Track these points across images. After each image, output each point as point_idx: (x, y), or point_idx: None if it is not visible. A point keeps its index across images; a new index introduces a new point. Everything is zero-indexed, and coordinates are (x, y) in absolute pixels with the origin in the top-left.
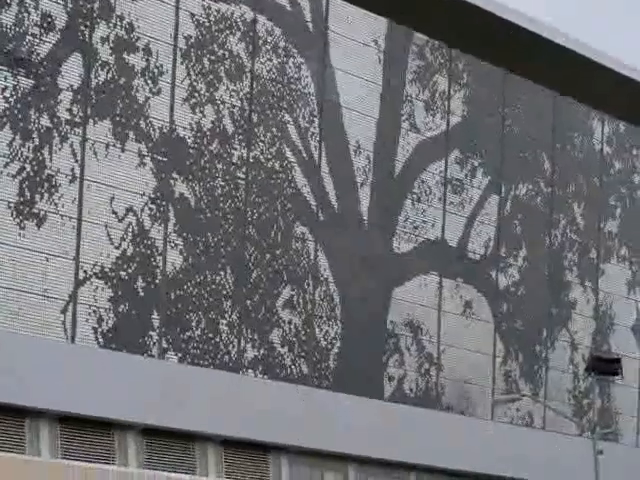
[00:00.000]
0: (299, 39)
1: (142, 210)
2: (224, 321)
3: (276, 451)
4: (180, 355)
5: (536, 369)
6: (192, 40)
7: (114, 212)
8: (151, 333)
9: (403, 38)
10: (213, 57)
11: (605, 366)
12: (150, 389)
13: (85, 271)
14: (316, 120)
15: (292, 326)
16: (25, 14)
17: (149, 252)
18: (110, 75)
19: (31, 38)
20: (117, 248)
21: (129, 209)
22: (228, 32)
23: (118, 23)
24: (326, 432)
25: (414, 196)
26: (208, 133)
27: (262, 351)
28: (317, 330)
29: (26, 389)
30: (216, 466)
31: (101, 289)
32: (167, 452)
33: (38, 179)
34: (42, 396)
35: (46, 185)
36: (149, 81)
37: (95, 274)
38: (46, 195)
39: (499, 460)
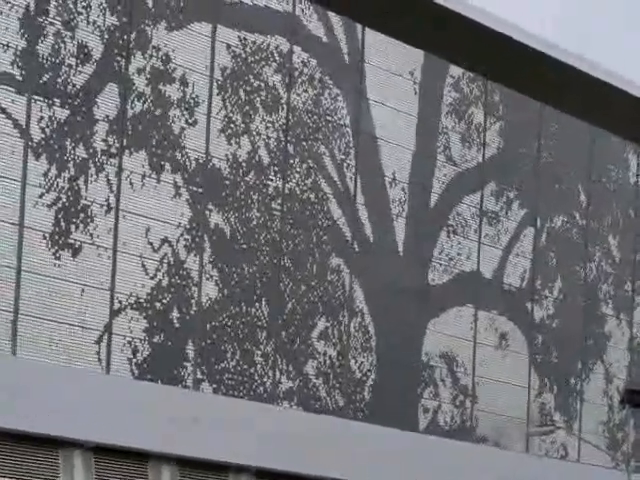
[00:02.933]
0: (335, 70)
1: (177, 241)
2: (259, 352)
3: None
4: (215, 386)
5: (571, 401)
6: (228, 71)
7: (149, 243)
8: (186, 364)
9: (439, 70)
10: (249, 88)
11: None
12: (185, 420)
13: (120, 302)
14: (352, 152)
15: (327, 357)
16: (61, 44)
17: (184, 283)
18: (146, 106)
19: (67, 69)
20: (152, 279)
21: (164, 240)
22: (264, 63)
23: (154, 54)
24: (360, 464)
25: (450, 228)
26: (244, 164)
27: (297, 382)
28: (352, 361)
29: (61, 420)
30: None
31: (136, 320)
32: None
33: (73, 209)
34: (76, 427)
35: (81, 215)
36: (185, 112)
37: (130, 305)
38: (81, 225)
39: None
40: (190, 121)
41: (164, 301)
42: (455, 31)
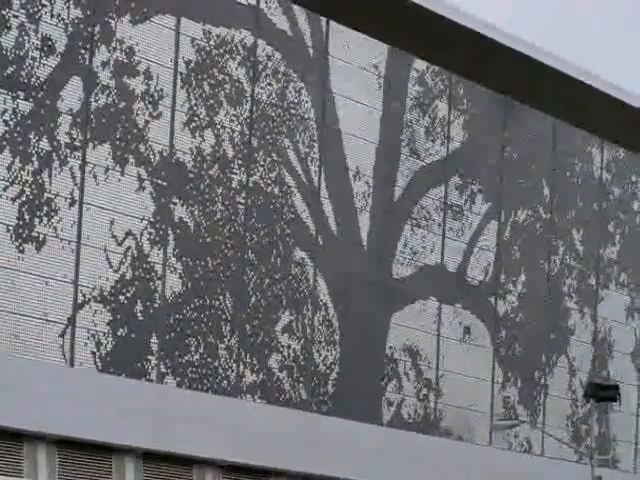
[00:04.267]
0: (299, 64)
1: (141, 234)
2: (223, 345)
3: (275, 476)
4: (178, 379)
5: (534, 395)
6: (192, 64)
7: (113, 236)
8: (150, 357)
9: (403, 63)
10: (213, 81)
11: (603, 392)
12: (149, 413)
13: (84, 295)
14: (316, 145)
15: (291, 351)
16: (25, 37)
17: (148, 276)
18: (110, 99)
19: (31, 61)
20: (116, 272)
21: (128, 233)
22: (228, 57)
23: (118, 47)
24: (325, 457)
25: (413, 221)
26: (208, 157)
27: (261, 376)
28: (316, 355)
29: (24, 413)
30: None
31: (100, 313)
32: (165, 476)
33: (37, 202)
34: (40, 420)
35: (45, 209)
36: (149, 105)
37: (94, 298)
38: (45, 219)
39: None
40: (154, 114)
41: (128, 294)
42: (419, 24)
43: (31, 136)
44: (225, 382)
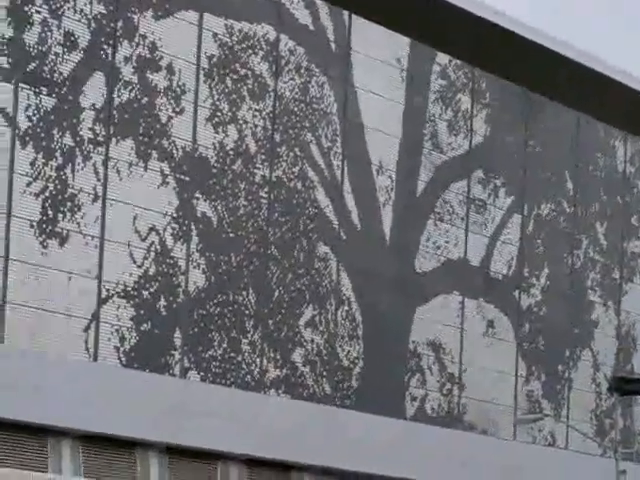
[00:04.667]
0: (321, 58)
1: (164, 229)
2: (246, 340)
3: (298, 470)
4: (202, 374)
5: (558, 389)
6: (215, 59)
7: (136, 231)
8: (173, 352)
9: (426, 57)
10: (236, 76)
11: (628, 386)
12: (172, 408)
13: (107, 290)
14: (338, 139)
15: (314, 345)
16: (48, 33)
17: (171, 271)
18: (133, 94)
19: (54, 57)
20: (139, 267)
21: (152, 228)
22: (251, 51)
23: (141, 42)
24: (348, 451)
25: (436, 216)
26: (231, 152)
27: (284, 370)
28: (339, 350)
29: (48, 408)
30: None
31: (123, 308)
32: (189, 471)
33: (61, 198)
34: (64, 415)
35: (69, 204)
36: (172, 100)
37: (117, 293)
38: (69, 214)
39: (522, 477)
40: (177, 109)
41: (151, 289)
42: (441, 18)
43: (54, 132)
44: (248, 377)
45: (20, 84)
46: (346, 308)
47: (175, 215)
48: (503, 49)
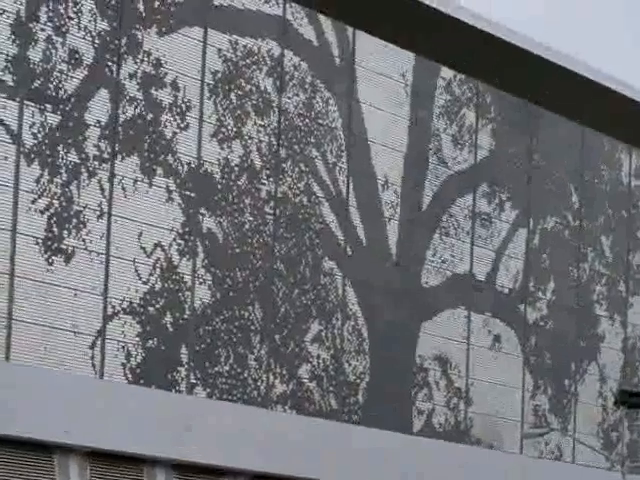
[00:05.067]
0: (326, 74)
1: (170, 245)
2: (252, 356)
3: None
4: (209, 390)
5: (565, 403)
6: (219, 75)
7: (142, 247)
8: (179, 368)
9: (430, 72)
10: (240, 92)
11: (634, 399)
12: (179, 424)
13: (113, 306)
14: (344, 155)
15: (320, 361)
16: (53, 50)
17: (177, 287)
18: (138, 111)
19: (58, 74)
20: (145, 283)
21: (157, 244)
22: (255, 67)
23: (145, 59)
24: (356, 466)
25: (442, 230)
26: (236, 168)
27: (290, 386)
28: (346, 365)
29: (55, 425)
30: None
31: (129, 324)
32: None
33: (66, 215)
34: (71, 432)
35: (74, 221)
36: (177, 116)
37: (123, 309)
38: (74, 231)
39: None
40: (182, 125)
41: (157, 306)
42: (446, 33)
43: (59, 148)
44: (255, 392)
45: (25, 101)
46: (352, 323)
47: (181, 231)
48: (507, 63)
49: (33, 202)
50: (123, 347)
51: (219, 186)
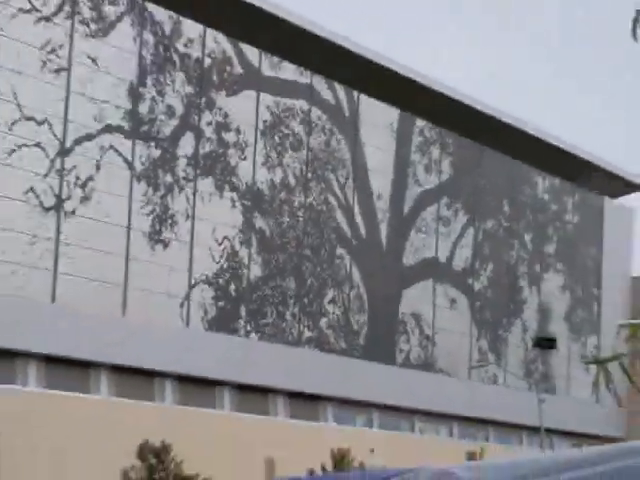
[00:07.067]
0: (339, 123)
1: (234, 238)
2: (288, 312)
3: (325, 400)
4: (259, 334)
5: (499, 345)
6: (267, 123)
7: (215, 239)
8: (239, 320)
9: (409, 122)
10: (281, 135)
11: (546, 343)
12: (238, 356)
13: (195, 279)
14: (351, 177)
15: (335, 315)
16: (155, 105)
17: (238, 266)
18: (212, 147)
19: (159, 122)
20: (217, 263)
21: (225, 237)
22: (291, 118)
23: (218, 112)
24: (357, 387)
25: (417, 228)
26: (278, 186)
27: (314, 332)
28: (351, 319)
29: (157, 356)
30: (284, 410)
31: (206, 291)
32: (253, 403)
33: (164, 217)
34: (168, 360)
35: (169, 221)
36: (239, 151)
37: (202, 281)
38: (169, 227)
39: (474, 405)
40: (242, 157)
41: (225, 278)
42: (421, 98)
43: (159, 172)
44: (290, 337)
45: (136, 140)
46: (356, 291)
47: (241, 228)
48: (463, 117)
49: (141, 208)
50: (202, 306)
51: (266, 198)
